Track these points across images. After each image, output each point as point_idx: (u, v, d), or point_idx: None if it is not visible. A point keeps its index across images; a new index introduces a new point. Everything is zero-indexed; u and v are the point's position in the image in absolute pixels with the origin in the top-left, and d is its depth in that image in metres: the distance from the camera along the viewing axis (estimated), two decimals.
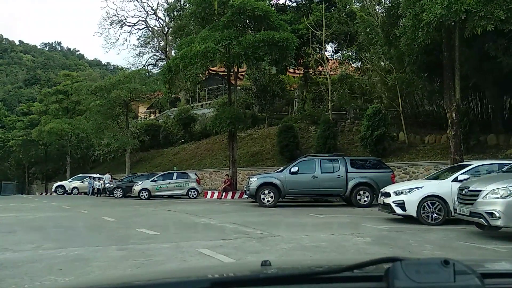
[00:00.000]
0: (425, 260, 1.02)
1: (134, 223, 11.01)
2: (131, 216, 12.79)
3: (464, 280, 0.97)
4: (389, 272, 1.00)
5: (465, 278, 0.98)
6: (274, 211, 14.32)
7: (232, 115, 22.43)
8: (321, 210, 14.42)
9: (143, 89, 30.10)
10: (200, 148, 35.93)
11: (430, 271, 0.99)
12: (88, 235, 9.14)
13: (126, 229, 9.89)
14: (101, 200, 24.03)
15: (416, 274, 0.98)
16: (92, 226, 10.50)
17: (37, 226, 10.43)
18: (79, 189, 34.10)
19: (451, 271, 0.98)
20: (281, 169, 17.86)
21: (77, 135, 44.47)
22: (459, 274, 0.98)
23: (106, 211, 15.09)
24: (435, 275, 0.98)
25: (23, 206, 18.24)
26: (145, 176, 26.72)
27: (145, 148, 43.86)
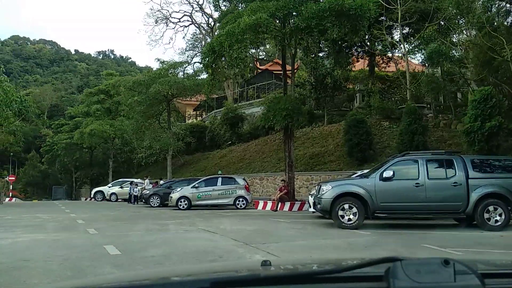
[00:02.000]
0: (425, 260, 1.00)
1: (144, 260, 6.40)
2: (148, 244, 8.21)
3: (464, 280, 0.95)
4: (389, 272, 0.98)
5: (465, 278, 0.95)
6: (365, 237, 9.27)
7: (289, 105, 17.56)
8: (437, 237, 9.21)
9: (185, 83, 25.86)
10: (249, 150, 31.30)
11: (430, 271, 0.96)
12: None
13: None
14: (133, 209, 19.89)
15: (416, 274, 0.95)
16: (72, 267, 5.95)
17: None
18: (118, 195, 30.42)
19: (451, 271, 0.95)
20: (359, 174, 12.78)
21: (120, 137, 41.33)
22: (459, 274, 0.95)
23: (121, 231, 10.68)
24: (435, 275, 0.95)
25: (30, 218, 14.35)
26: (186, 182, 22.39)
27: (190, 151, 39.95)
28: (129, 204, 26.15)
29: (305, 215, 15.05)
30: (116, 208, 20.71)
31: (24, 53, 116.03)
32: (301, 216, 15.03)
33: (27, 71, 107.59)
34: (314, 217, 13.96)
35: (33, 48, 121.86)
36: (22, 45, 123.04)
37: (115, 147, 43.27)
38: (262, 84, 38.90)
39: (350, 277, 1.06)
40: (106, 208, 21.45)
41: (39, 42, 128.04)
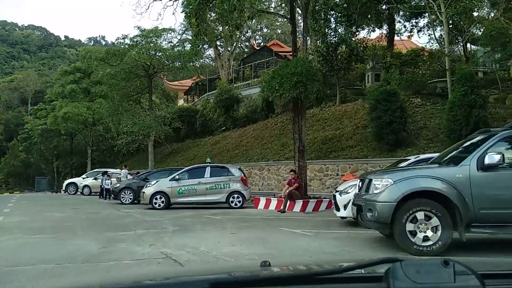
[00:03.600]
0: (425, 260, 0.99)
1: None
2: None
3: (464, 281, 0.93)
4: (389, 273, 0.96)
5: (465, 278, 0.94)
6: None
7: (301, 69, 12.79)
8: None
9: (167, 52, 20.92)
10: (246, 136, 26.55)
11: (430, 271, 0.94)
12: None
13: None
14: (96, 208, 15.06)
15: (416, 274, 0.93)
16: None
17: None
18: (91, 188, 25.58)
19: (451, 271, 0.94)
20: (437, 159, 7.92)
21: (102, 122, 36.35)
22: (459, 275, 0.94)
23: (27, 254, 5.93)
24: (435, 275, 0.94)
25: None
26: (166, 173, 17.64)
27: (180, 138, 35.10)
28: (100, 199, 21.37)
29: (328, 219, 10.33)
30: (76, 206, 15.90)
31: (11, 39, 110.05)
32: (323, 221, 10.28)
33: (14, 57, 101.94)
34: (344, 224, 9.26)
35: (21, 33, 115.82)
36: (9, 30, 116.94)
37: (96, 133, 38.32)
38: (260, 62, 33.99)
39: (350, 277, 1.04)
40: (64, 205, 16.63)
41: (27, 27, 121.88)
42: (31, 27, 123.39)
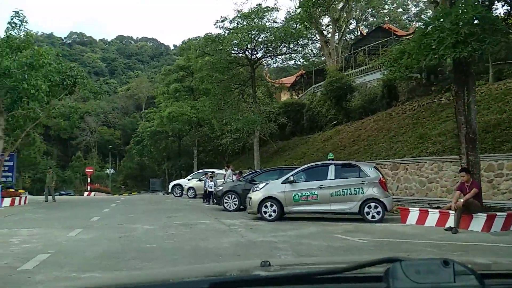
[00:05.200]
0: (425, 260, 0.97)
1: None
2: None
3: (464, 281, 0.92)
4: (389, 273, 0.95)
5: (465, 278, 0.92)
6: None
7: (475, 16, 8.37)
8: None
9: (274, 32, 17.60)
10: (365, 129, 22.21)
11: (430, 271, 0.93)
12: None
13: None
14: (195, 215, 12.18)
15: (416, 274, 0.92)
16: None
17: None
18: (196, 190, 23.40)
19: (451, 271, 0.92)
20: None
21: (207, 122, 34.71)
22: (459, 275, 0.92)
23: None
24: (435, 275, 0.92)
25: None
26: (276, 173, 14.29)
27: (285, 135, 31.87)
28: (203, 203, 18.86)
29: None
30: (174, 213, 13.27)
31: (127, 51, 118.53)
32: None
33: (130, 67, 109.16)
34: None
35: (135, 46, 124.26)
36: (126, 44, 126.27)
37: (202, 133, 36.90)
38: (375, 44, 29.18)
39: (350, 277, 1.04)
40: (162, 211, 14.15)
41: (141, 40, 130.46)
42: (144, 39, 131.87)
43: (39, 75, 16.73)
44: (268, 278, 1.13)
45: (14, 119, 19.36)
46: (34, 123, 19.64)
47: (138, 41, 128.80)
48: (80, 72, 19.35)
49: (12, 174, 20.22)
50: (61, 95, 19.27)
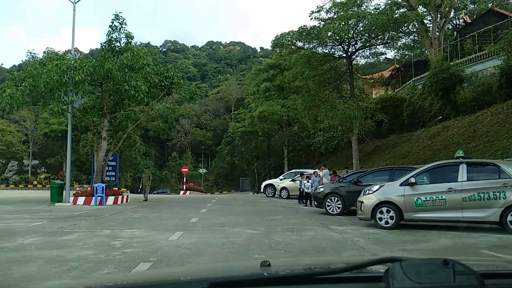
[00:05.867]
0: (425, 260, 0.96)
1: None
2: None
3: (464, 280, 0.90)
4: (388, 273, 0.93)
5: (465, 278, 0.91)
6: None
7: None
8: None
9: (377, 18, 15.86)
10: (481, 124, 19.41)
11: (430, 271, 0.92)
12: None
13: None
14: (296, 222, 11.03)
15: (415, 274, 0.90)
16: None
17: None
18: (289, 191, 22.40)
19: (451, 271, 0.91)
20: None
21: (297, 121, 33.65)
22: (459, 275, 0.91)
23: None
24: (435, 275, 0.91)
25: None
26: (385, 173, 12.65)
27: (381, 133, 29.60)
28: (299, 204, 17.74)
29: None
30: (272, 215, 12.31)
31: (217, 56, 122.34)
32: None
33: (219, 71, 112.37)
34: None
35: (224, 50, 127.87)
36: (215, 49, 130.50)
37: (292, 133, 35.88)
38: (486, 29, 25.69)
39: (350, 277, 1.03)
40: (259, 213, 13.28)
41: (229, 44, 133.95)
42: (232, 43, 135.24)
43: (139, 76, 16.93)
44: (268, 278, 1.12)
45: (116, 121, 20.02)
46: (134, 125, 20.11)
47: (227, 46, 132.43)
48: (176, 73, 19.38)
49: (115, 173, 20.97)
50: (159, 96, 19.47)
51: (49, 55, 17.36)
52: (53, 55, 17.25)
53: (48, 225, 10.06)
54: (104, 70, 16.39)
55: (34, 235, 8.31)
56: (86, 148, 38.01)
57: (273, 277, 1.16)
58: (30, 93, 16.31)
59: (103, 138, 18.29)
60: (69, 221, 11.11)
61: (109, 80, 17.37)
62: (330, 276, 1.04)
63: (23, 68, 18.20)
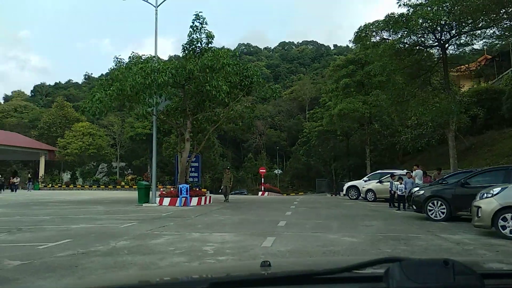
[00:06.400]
0: (425, 260, 0.95)
1: None
2: None
3: (463, 280, 0.90)
4: (388, 273, 0.93)
5: (465, 278, 0.90)
6: None
7: None
8: None
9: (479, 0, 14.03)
10: None
11: (430, 271, 0.91)
12: None
13: None
14: (399, 227, 9.85)
15: (415, 274, 0.90)
16: None
17: None
18: (376, 193, 20.93)
19: (451, 271, 0.91)
20: None
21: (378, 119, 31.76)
22: (459, 275, 0.90)
23: None
24: (435, 275, 0.90)
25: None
26: (498, 173, 10.95)
27: (476, 129, 26.80)
28: (390, 208, 16.33)
29: None
30: (367, 220, 11.24)
31: (289, 56, 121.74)
32: None
33: (292, 71, 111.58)
34: None
35: (297, 50, 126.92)
36: (288, 49, 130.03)
37: (373, 131, 33.98)
38: None
39: (349, 277, 1.02)
40: (350, 217, 12.25)
41: (301, 44, 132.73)
42: (304, 43, 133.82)
43: (220, 76, 16.72)
44: (268, 278, 1.12)
45: (197, 122, 20.08)
46: (215, 126, 20.02)
47: (299, 46, 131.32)
48: (255, 72, 18.95)
49: (198, 174, 21.07)
50: (239, 96, 19.16)
51: (134, 59, 17.82)
52: (138, 59, 17.68)
53: (138, 227, 9.98)
54: (186, 72, 16.40)
55: (126, 238, 8.15)
56: (168, 150, 39.35)
57: (273, 277, 1.15)
58: (117, 96, 16.83)
59: (186, 139, 18.38)
60: (157, 222, 11.01)
61: (191, 81, 17.38)
62: (330, 276, 1.03)
63: (110, 74, 18.92)
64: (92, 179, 48.93)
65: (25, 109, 70.57)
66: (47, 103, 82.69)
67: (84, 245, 7.37)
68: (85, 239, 8.09)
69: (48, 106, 74.59)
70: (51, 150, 47.72)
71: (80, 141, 44.90)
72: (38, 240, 7.84)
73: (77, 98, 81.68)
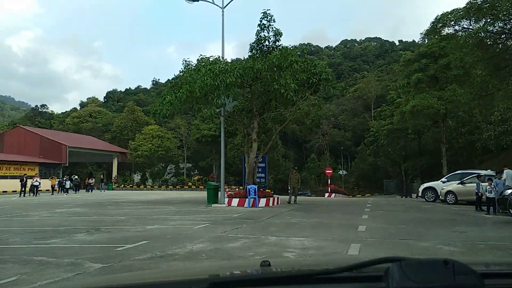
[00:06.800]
0: (425, 260, 0.93)
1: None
2: None
3: (463, 280, 0.89)
4: (388, 272, 0.92)
5: (465, 278, 0.89)
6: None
7: None
8: None
9: None
10: None
11: (430, 271, 0.90)
12: None
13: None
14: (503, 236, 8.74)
15: (415, 274, 0.89)
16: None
17: None
18: (457, 195, 19.24)
19: (451, 271, 0.89)
20: None
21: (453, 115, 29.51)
22: (459, 275, 0.89)
23: None
24: (434, 275, 0.89)
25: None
26: None
27: None
28: (477, 212, 14.83)
29: None
30: (454, 225, 10.14)
31: (352, 54, 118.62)
32: None
33: (355, 69, 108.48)
34: None
35: (359, 47, 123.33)
36: (350, 47, 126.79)
37: (448, 129, 31.66)
38: None
39: (349, 277, 1.02)
40: (438, 222, 11.17)
41: (364, 41, 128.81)
42: (367, 39, 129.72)
43: (287, 74, 16.23)
44: (268, 278, 1.12)
45: (264, 123, 19.75)
46: (282, 126, 19.56)
47: (362, 43, 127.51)
48: (323, 68, 18.24)
49: (265, 175, 20.72)
50: (306, 94, 18.55)
51: (202, 62, 17.86)
52: (206, 61, 17.70)
53: (212, 229, 9.75)
54: (253, 71, 16.11)
55: (202, 240, 7.90)
56: (233, 151, 39.62)
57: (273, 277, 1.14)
58: (186, 99, 16.96)
59: (254, 140, 18.11)
60: (230, 224, 10.73)
61: (258, 81, 17.08)
62: (330, 276, 1.03)
63: (179, 77, 19.15)
64: (161, 180, 50.73)
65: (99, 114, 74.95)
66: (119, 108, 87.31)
67: (161, 247, 7.20)
68: (161, 241, 7.95)
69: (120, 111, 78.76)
70: (123, 152, 50.15)
71: (150, 143, 46.69)
72: (116, 241, 7.83)
73: (146, 103, 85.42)
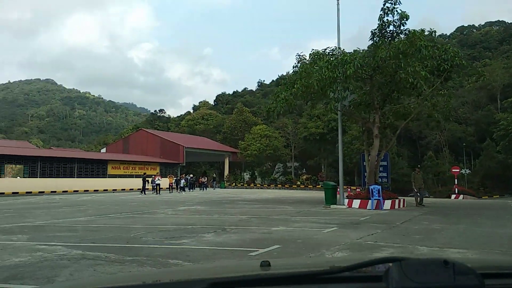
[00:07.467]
0: (425, 260, 0.93)
1: None
2: None
3: (464, 280, 0.89)
4: (388, 272, 0.92)
5: (465, 278, 0.89)
6: None
7: None
8: None
9: None
10: None
11: (430, 271, 0.90)
12: None
13: None
14: None
15: (415, 274, 0.89)
16: None
17: None
18: None
19: (451, 271, 0.89)
20: None
21: None
22: (459, 275, 0.89)
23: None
24: (435, 275, 0.89)
25: None
26: None
27: None
28: None
29: None
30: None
31: (470, 41, 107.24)
32: None
33: (475, 57, 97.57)
34: None
35: (478, 33, 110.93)
36: (467, 34, 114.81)
37: None
38: None
39: (350, 277, 1.02)
40: None
41: (484, 26, 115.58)
42: (488, 24, 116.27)
43: (415, 61, 14.43)
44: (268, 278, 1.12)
45: (386, 117, 18.07)
46: (407, 120, 17.66)
47: (481, 28, 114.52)
48: (456, 53, 15.96)
49: (387, 174, 18.98)
50: (435, 84, 16.42)
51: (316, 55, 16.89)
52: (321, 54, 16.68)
53: (343, 233, 8.72)
54: (375, 61, 14.66)
55: (339, 248, 6.93)
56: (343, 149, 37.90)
57: (273, 277, 1.14)
58: (302, 94, 16.17)
59: (375, 136, 16.58)
60: (361, 229, 9.58)
61: (379, 70, 15.55)
62: (330, 276, 1.03)
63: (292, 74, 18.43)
64: (269, 178, 51.04)
65: (210, 116, 78.60)
66: (228, 110, 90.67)
67: (296, 254, 6.42)
68: (293, 246, 7.18)
69: (229, 112, 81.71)
70: (233, 152, 51.63)
71: (258, 142, 47.22)
72: (247, 245, 7.25)
73: (253, 104, 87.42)
